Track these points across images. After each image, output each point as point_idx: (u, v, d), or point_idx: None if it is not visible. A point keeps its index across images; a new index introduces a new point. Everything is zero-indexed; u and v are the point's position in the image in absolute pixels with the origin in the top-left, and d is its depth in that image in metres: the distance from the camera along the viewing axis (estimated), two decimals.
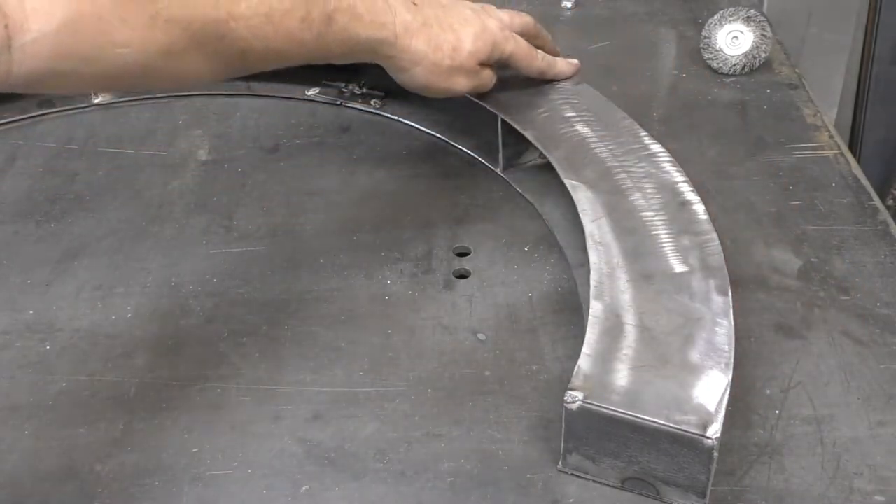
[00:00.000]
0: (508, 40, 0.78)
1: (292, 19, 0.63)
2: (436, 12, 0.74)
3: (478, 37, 0.75)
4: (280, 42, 0.63)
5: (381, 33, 0.70)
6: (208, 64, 0.60)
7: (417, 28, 0.72)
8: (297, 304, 0.71)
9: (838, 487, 0.56)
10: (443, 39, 0.73)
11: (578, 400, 0.54)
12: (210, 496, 0.57)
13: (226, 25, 0.59)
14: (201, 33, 0.58)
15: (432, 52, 0.73)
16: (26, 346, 0.68)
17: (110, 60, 0.54)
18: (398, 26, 0.71)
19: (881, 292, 0.70)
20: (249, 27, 0.61)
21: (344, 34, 0.68)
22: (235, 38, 0.60)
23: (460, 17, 0.75)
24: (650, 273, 0.63)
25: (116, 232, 0.79)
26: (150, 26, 0.54)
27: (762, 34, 0.95)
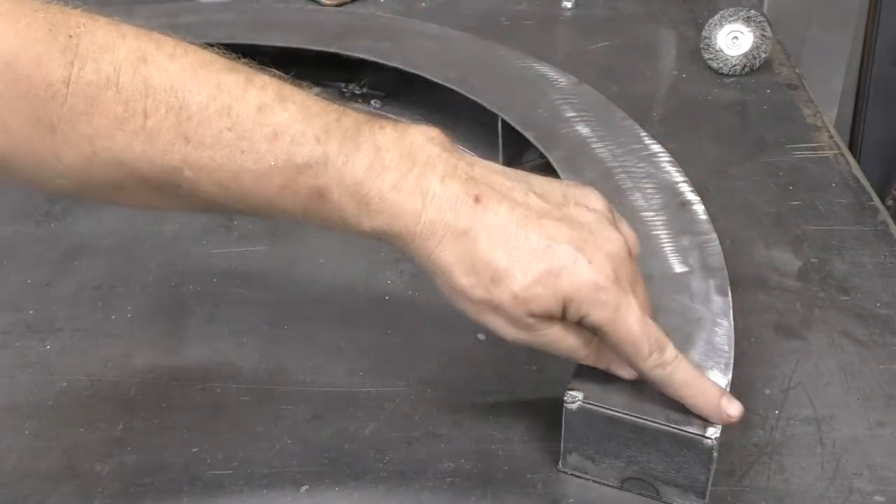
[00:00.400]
0: (602, 306, 0.50)
1: (268, 185, 0.49)
2: (503, 221, 0.50)
3: (543, 280, 0.49)
4: (257, 204, 0.51)
5: (391, 226, 0.50)
6: (172, 203, 0.51)
7: (452, 235, 0.50)
8: (297, 304, 0.71)
9: (838, 488, 0.56)
10: (485, 261, 0.50)
11: (578, 400, 0.54)
12: (210, 496, 0.57)
13: (180, 175, 0.48)
14: (151, 178, 0.49)
15: (460, 272, 0.50)
16: (26, 345, 0.68)
17: (53, 187, 0.49)
18: (423, 224, 0.50)
19: (881, 293, 0.70)
20: (213, 181, 0.49)
21: (338, 214, 0.51)
22: (196, 188, 0.49)
23: (544, 243, 0.50)
24: (650, 273, 0.63)
25: (116, 232, 0.79)
26: (87, 166, 0.48)
27: (762, 34, 0.95)
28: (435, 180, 0.50)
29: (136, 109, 0.47)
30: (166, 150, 0.48)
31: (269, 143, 0.49)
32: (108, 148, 0.47)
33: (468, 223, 0.50)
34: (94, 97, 0.46)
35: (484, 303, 0.51)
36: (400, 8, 1.13)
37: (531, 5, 1.13)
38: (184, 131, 0.48)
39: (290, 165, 0.49)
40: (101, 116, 0.47)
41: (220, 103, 0.48)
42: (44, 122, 0.46)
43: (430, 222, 0.50)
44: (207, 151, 0.48)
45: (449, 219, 0.50)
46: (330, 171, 0.49)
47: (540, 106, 0.81)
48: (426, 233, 0.50)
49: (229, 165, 0.49)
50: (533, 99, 0.83)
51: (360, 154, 0.50)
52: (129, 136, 0.47)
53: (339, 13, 1.08)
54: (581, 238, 0.51)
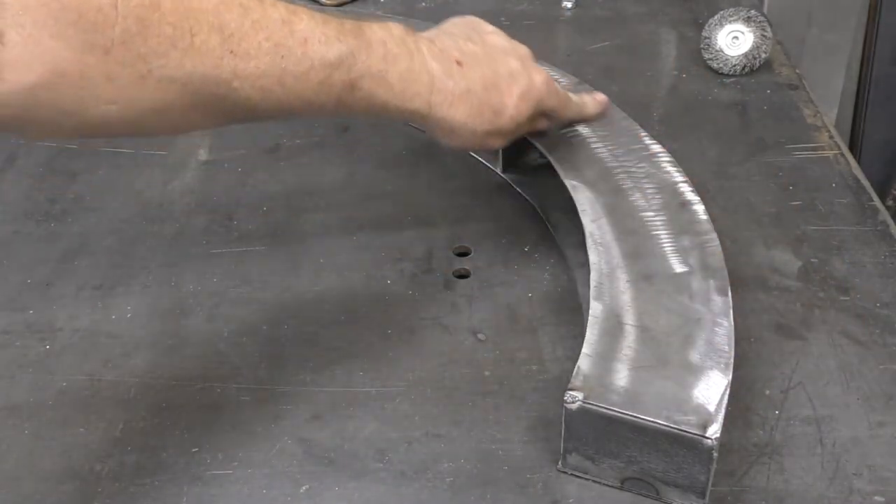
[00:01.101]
0: (552, 95, 0.71)
1: (308, 82, 0.57)
2: (482, 71, 0.66)
3: (523, 96, 0.68)
4: (293, 104, 0.57)
5: (412, 104, 0.63)
6: (209, 119, 0.56)
7: (458, 96, 0.65)
8: (297, 304, 0.71)
9: (838, 488, 0.56)
10: (485, 103, 0.66)
11: (578, 400, 0.54)
12: (210, 496, 0.57)
13: (228, 86, 0.53)
14: (201, 93, 0.52)
15: (471, 119, 0.66)
16: (26, 345, 0.68)
17: (94, 115, 0.50)
18: (434, 95, 0.64)
19: (881, 293, 0.70)
20: (257, 88, 0.54)
21: (368, 101, 0.61)
22: (240, 97, 0.54)
23: (506, 69, 0.68)
24: (650, 273, 0.63)
25: (116, 231, 0.79)
26: (140, 85, 0.50)
27: (762, 35, 0.95)
28: (429, 59, 0.63)
29: (183, 29, 0.50)
30: (216, 65, 0.52)
31: (303, 47, 0.56)
32: (162, 66, 0.50)
33: (466, 83, 0.65)
34: (143, 18, 0.48)
35: (489, 132, 0.67)
36: (400, 8, 1.13)
37: (531, 5, 1.13)
38: (229, 46, 0.52)
39: (325, 63, 0.57)
40: (153, 36, 0.49)
41: (251, 19, 0.53)
42: (97, 46, 0.47)
43: (440, 91, 0.64)
44: (252, 62, 0.53)
45: (450, 85, 0.64)
46: (358, 64, 0.59)
47: None
48: (439, 100, 0.64)
49: (273, 71, 0.54)
50: None
51: (373, 48, 0.60)
52: (181, 53, 0.50)
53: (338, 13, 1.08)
54: (518, 58, 0.69)
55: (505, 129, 0.68)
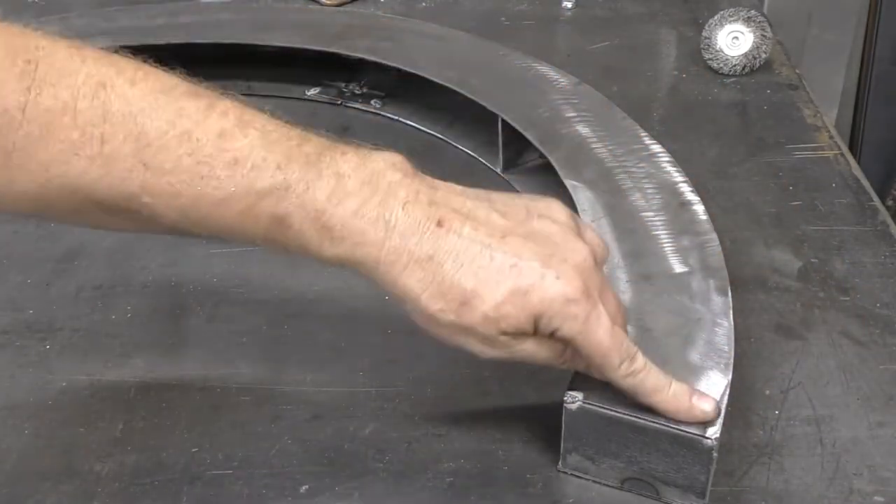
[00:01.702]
0: (572, 319, 0.50)
1: (228, 211, 0.49)
2: (468, 244, 0.50)
3: (511, 300, 0.50)
4: (218, 230, 0.50)
5: (354, 253, 0.50)
6: (133, 228, 0.51)
7: (416, 260, 0.50)
8: (297, 304, 0.71)
9: (838, 488, 0.56)
10: (451, 284, 0.50)
11: (578, 400, 0.54)
12: (209, 496, 0.57)
13: (138, 200, 0.48)
14: (108, 203, 0.48)
15: (427, 297, 0.50)
16: (26, 345, 0.68)
17: (9, 209, 0.48)
18: (386, 251, 0.50)
19: (881, 293, 0.70)
20: (171, 207, 0.48)
21: (299, 241, 0.50)
22: (154, 213, 0.49)
23: (509, 262, 0.50)
24: (650, 273, 0.63)
25: (116, 232, 0.79)
26: (43, 192, 0.47)
27: (762, 35, 0.95)
28: (397, 206, 0.50)
29: (93, 135, 0.46)
30: (124, 177, 0.47)
31: (229, 170, 0.48)
32: (63, 174, 0.47)
33: (432, 248, 0.50)
34: (50, 123, 0.45)
35: (455, 326, 0.51)
36: (400, 8, 1.13)
37: (531, 5, 1.13)
38: (142, 157, 0.47)
39: (250, 192, 0.49)
40: (56, 142, 0.46)
41: (179, 129, 0.48)
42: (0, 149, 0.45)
43: (393, 249, 0.50)
44: (166, 177, 0.48)
45: (412, 245, 0.50)
46: (291, 197, 0.49)
47: (540, 106, 0.81)
48: (390, 259, 0.50)
49: (188, 191, 0.48)
50: (533, 99, 0.83)
51: (321, 181, 0.49)
52: (85, 161, 0.47)
53: (339, 13, 1.08)
54: (547, 252, 0.51)
55: (480, 331, 0.51)
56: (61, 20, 0.99)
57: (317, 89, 0.97)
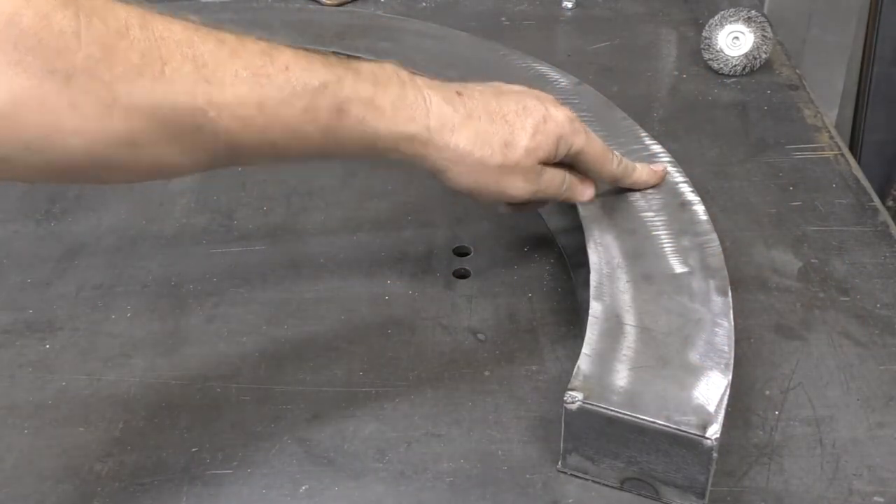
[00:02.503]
0: (579, 133, 0.64)
1: (292, 108, 0.53)
2: (486, 102, 0.62)
3: (538, 129, 0.62)
4: (277, 136, 0.53)
5: (408, 128, 0.58)
6: (187, 156, 0.52)
7: (460, 121, 0.60)
8: (297, 304, 0.71)
9: (837, 488, 0.56)
10: (492, 133, 0.61)
11: (578, 400, 0.54)
12: (209, 495, 0.57)
13: (204, 115, 0.50)
14: (174, 123, 0.49)
15: (478, 148, 0.60)
16: (26, 344, 0.68)
17: (59, 149, 0.47)
18: (432, 119, 0.59)
19: (881, 293, 0.70)
20: (236, 118, 0.51)
21: (358, 129, 0.56)
22: (218, 129, 0.51)
23: (518, 105, 0.62)
24: (650, 274, 0.63)
25: (116, 231, 0.79)
26: (106, 115, 0.47)
27: (763, 35, 0.95)
28: (424, 87, 0.60)
29: (153, 57, 0.48)
30: (188, 93, 0.49)
31: (285, 74, 0.53)
32: (129, 93, 0.47)
33: (465, 110, 0.61)
34: (109, 45, 0.46)
35: (502, 167, 0.62)
36: (400, 7, 1.13)
37: (531, 5, 1.13)
38: (203, 74, 0.50)
39: (308, 88, 0.54)
40: (119, 64, 0.47)
41: (228, 50, 0.51)
42: (59, 73, 0.45)
43: (438, 116, 0.59)
44: (229, 89, 0.51)
45: (450, 111, 0.60)
46: (345, 87, 0.55)
47: None
48: (438, 125, 0.59)
49: (251, 98, 0.51)
50: None
51: (361, 76, 0.57)
52: (149, 81, 0.48)
53: (339, 13, 1.08)
54: (538, 96, 0.64)
55: (523, 164, 0.62)
56: None
57: None
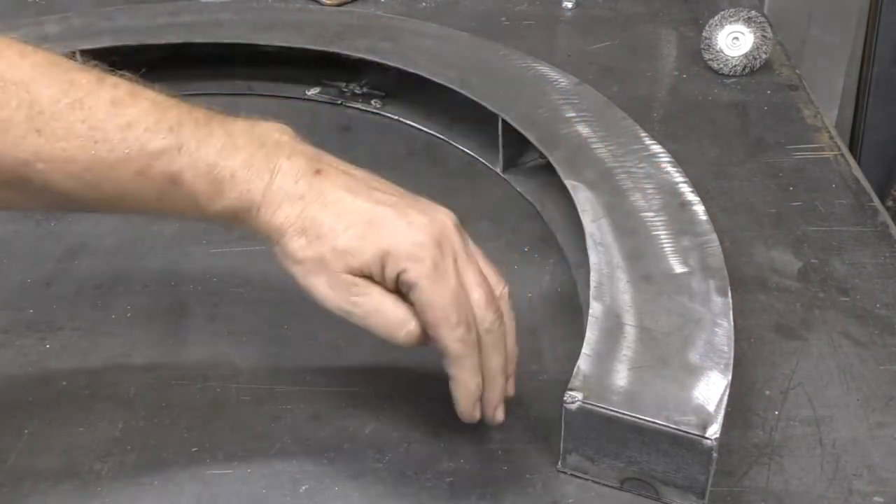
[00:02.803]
0: (421, 262, 0.52)
1: (123, 171, 0.50)
2: (336, 191, 0.53)
3: (361, 233, 0.52)
4: (111, 194, 0.51)
5: (241, 201, 0.53)
6: (24, 201, 0.51)
7: (289, 200, 0.53)
8: (297, 304, 0.71)
9: (837, 488, 0.56)
10: (314, 219, 0.52)
11: (578, 400, 0.54)
12: (209, 495, 0.57)
13: (31, 168, 0.48)
14: (2, 171, 0.48)
15: (293, 231, 0.53)
16: (26, 344, 0.68)
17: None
18: (267, 194, 0.53)
19: (881, 293, 0.70)
20: (66, 173, 0.49)
21: (193, 199, 0.52)
22: (48, 181, 0.49)
23: (369, 205, 0.53)
24: (650, 274, 0.63)
25: (116, 231, 0.79)
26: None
27: (763, 35, 0.95)
28: (283, 157, 0.53)
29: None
30: (17, 143, 0.48)
31: (123, 133, 0.50)
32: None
33: (304, 190, 0.53)
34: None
35: (308, 261, 0.53)
36: (400, 8, 1.13)
37: (531, 5, 1.13)
38: (35, 125, 0.48)
39: (144, 153, 0.50)
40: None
41: (72, 97, 0.49)
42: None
43: (272, 192, 0.53)
44: (60, 143, 0.48)
45: (289, 187, 0.53)
46: (184, 156, 0.51)
47: (540, 106, 0.81)
48: (267, 201, 0.53)
49: (83, 156, 0.49)
50: (533, 99, 0.83)
51: (212, 138, 0.52)
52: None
53: (339, 13, 1.08)
54: (407, 205, 0.54)
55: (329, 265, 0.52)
56: (62, 20, 0.99)
57: (317, 89, 0.97)
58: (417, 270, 0.51)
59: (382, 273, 0.52)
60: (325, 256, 0.52)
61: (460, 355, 0.53)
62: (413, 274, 0.52)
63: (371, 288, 0.53)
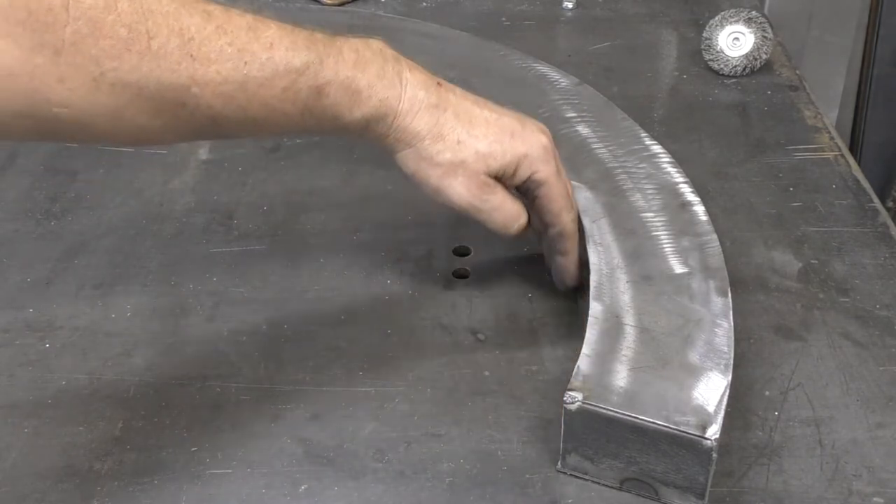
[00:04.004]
0: (548, 163, 0.62)
1: (272, 89, 0.54)
2: (461, 100, 0.61)
3: (499, 139, 0.61)
4: (257, 112, 0.55)
5: (379, 109, 0.59)
6: (170, 129, 0.53)
7: (425, 107, 0.60)
8: (297, 304, 0.71)
9: (837, 489, 0.56)
10: (451, 127, 0.60)
11: (578, 400, 0.54)
12: (209, 495, 0.57)
13: (187, 92, 0.51)
14: (158, 98, 0.50)
15: (431, 137, 0.60)
16: (26, 343, 0.68)
17: (47, 118, 0.48)
18: (404, 101, 0.59)
19: (881, 294, 0.70)
20: (218, 94, 0.52)
21: (333, 110, 0.57)
22: (200, 105, 0.52)
23: (492, 115, 0.62)
24: (650, 274, 0.63)
25: (116, 230, 0.79)
26: (93, 88, 0.48)
27: (763, 36, 0.95)
28: (405, 69, 0.60)
29: (140, 31, 0.49)
30: (173, 69, 0.50)
31: (268, 52, 0.54)
32: (115, 68, 0.48)
33: (437, 99, 0.60)
34: (96, 20, 0.47)
35: (448, 164, 0.61)
36: (401, 7, 1.13)
37: (532, 5, 1.13)
38: (189, 50, 0.50)
39: (290, 69, 0.55)
40: (106, 38, 0.48)
41: (214, 24, 0.52)
42: (48, 46, 0.46)
43: (409, 99, 0.59)
44: (213, 66, 0.51)
45: (422, 96, 0.60)
46: (326, 69, 0.56)
47: (540, 106, 0.81)
48: (405, 108, 0.59)
49: (235, 76, 0.52)
50: (533, 99, 0.82)
51: (344, 55, 0.57)
52: (136, 56, 0.49)
53: (339, 12, 1.08)
54: (520, 117, 0.63)
55: (469, 167, 0.61)
56: None
57: None
58: (547, 171, 0.62)
59: (514, 174, 0.62)
60: (466, 160, 0.60)
61: (575, 232, 0.66)
62: (543, 174, 0.62)
63: (498, 187, 0.62)
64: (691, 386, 0.55)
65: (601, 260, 0.64)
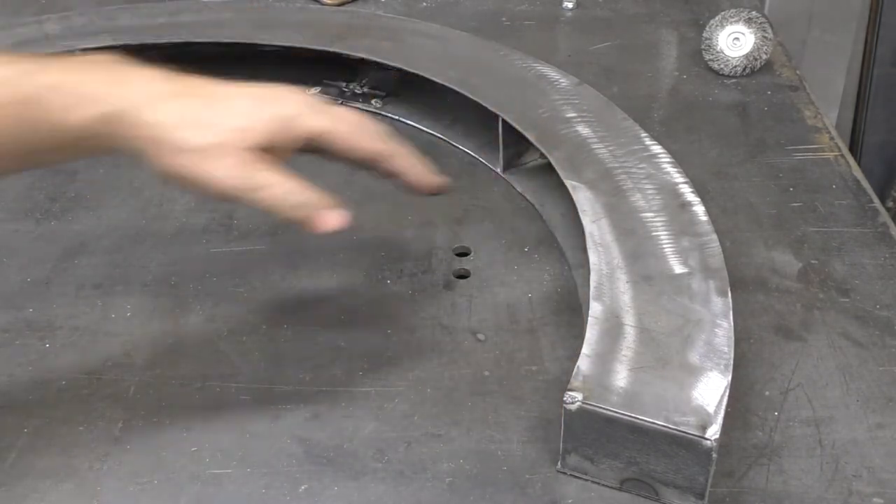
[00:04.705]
0: (319, 114, 0.58)
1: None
2: (206, 85, 0.57)
3: (253, 111, 0.57)
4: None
5: (115, 106, 0.54)
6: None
7: (168, 95, 0.55)
8: (297, 304, 0.71)
9: (837, 489, 0.56)
10: (200, 110, 0.56)
11: (578, 401, 0.54)
12: (209, 495, 0.57)
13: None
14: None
15: (184, 126, 0.55)
16: (26, 343, 0.68)
17: None
18: (141, 94, 0.55)
19: (881, 294, 0.70)
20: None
21: (55, 117, 0.53)
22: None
23: (241, 89, 0.58)
24: (650, 274, 0.63)
25: (116, 230, 0.79)
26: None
27: (763, 36, 0.95)
28: (138, 69, 0.57)
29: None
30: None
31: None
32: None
33: (181, 87, 0.56)
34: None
35: (204, 149, 0.55)
36: (401, 7, 1.13)
37: (532, 5, 1.13)
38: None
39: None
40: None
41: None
42: None
43: (147, 91, 0.55)
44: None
45: (162, 87, 0.56)
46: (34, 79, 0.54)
47: (540, 106, 0.81)
48: (145, 100, 0.55)
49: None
50: (533, 99, 0.83)
51: (54, 65, 0.56)
52: None
53: (339, 13, 1.08)
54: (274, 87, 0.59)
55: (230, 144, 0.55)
56: (62, 18, 0.99)
57: (317, 89, 0.96)
58: (321, 119, 0.58)
59: (288, 139, 0.57)
60: (223, 140, 0.55)
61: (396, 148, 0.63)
62: (319, 123, 0.58)
63: (265, 164, 0.56)
64: (691, 386, 0.55)
65: (601, 260, 0.64)
